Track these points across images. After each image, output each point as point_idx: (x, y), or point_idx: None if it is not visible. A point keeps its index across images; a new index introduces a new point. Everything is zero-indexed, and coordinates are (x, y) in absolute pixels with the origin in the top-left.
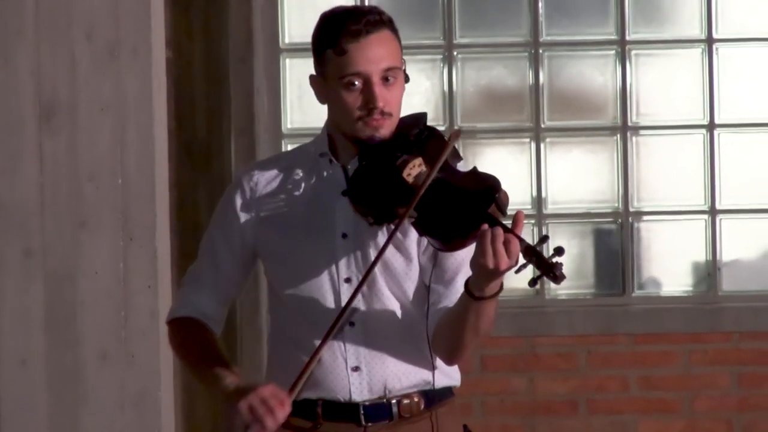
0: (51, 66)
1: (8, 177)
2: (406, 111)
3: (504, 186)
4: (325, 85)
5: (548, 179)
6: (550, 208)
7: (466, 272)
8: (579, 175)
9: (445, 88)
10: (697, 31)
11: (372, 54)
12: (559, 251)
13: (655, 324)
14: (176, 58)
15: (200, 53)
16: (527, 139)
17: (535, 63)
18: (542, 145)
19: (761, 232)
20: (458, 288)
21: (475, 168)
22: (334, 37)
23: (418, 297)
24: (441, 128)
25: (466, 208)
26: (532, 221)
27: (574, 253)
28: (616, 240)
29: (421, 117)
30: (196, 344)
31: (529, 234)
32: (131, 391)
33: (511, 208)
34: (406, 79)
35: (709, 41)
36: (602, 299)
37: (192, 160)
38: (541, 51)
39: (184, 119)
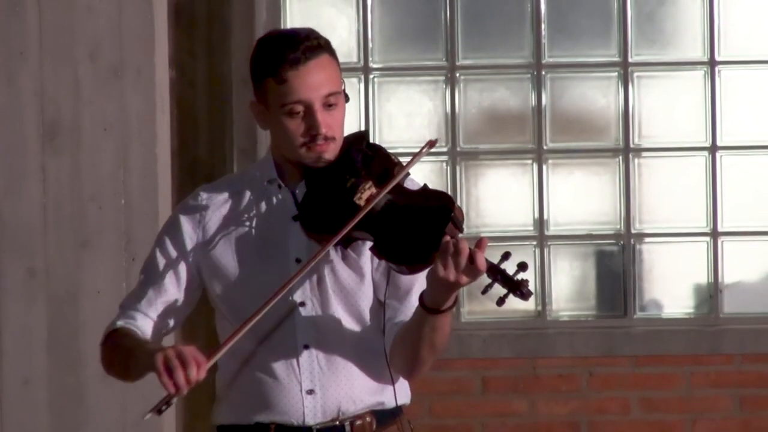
0: (54, 86)
1: (11, 197)
2: (408, 132)
3: (507, 207)
4: (266, 112)
5: (550, 201)
6: (551, 229)
7: (420, 286)
8: (581, 197)
9: (448, 109)
10: (699, 53)
11: (312, 81)
12: (522, 267)
13: (657, 346)
14: (179, 78)
15: (203, 73)
16: (529, 161)
17: (538, 84)
18: (544, 167)
19: (763, 254)
20: (413, 302)
21: (425, 185)
22: (273, 65)
23: (373, 314)
24: (443, 149)
25: (423, 229)
26: (534, 243)
27: (575, 274)
28: (617, 262)
29: (363, 136)
30: (126, 339)
31: (530, 256)
32: (133, 412)
33: (514, 230)
34: (347, 99)
35: (712, 63)
36: (604, 321)
37: (194, 180)
38: (543, 73)
39: (186, 139)
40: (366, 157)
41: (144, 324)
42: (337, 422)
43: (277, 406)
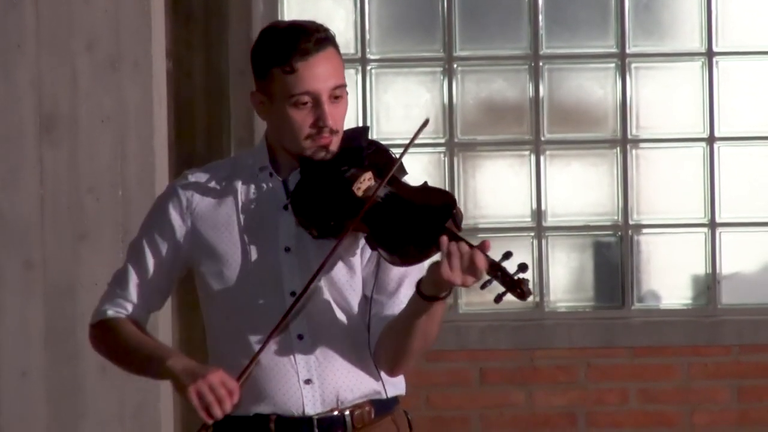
0: (51, 78)
1: (8, 189)
2: (406, 123)
3: (504, 198)
4: (268, 102)
5: (548, 192)
6: (549, 220)
7: (408, 283)
8: (579, 188)
9: (445, 100)
10: (697, 44)
11: (321, 72)
12: (522, 267)
13: (655, 337)
14: (176, 70)
15: (200, 65)
16: (527, 152)
17: (535, 76)
18: (542, 158)
19: (761, 244)
20: (402, 298)
21: (426, 183)
22: (282, 55)
23: (361, 309)
24: (441, 141)
25: (423, 224)
26: (532, 234)
27: (573, 266)
28: (615, 253)
29: (363, 130)
30: (130, 336)
31: (528, 248)
32: (131, 404)
33: (512, 221)
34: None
35: (709, 54)
36: (602, 312)
37: None
38: (541, 64)
39: (183, 131)
40: (367, 149)
41: (134, 311)
42: (337, 411)
43: (275, 397)
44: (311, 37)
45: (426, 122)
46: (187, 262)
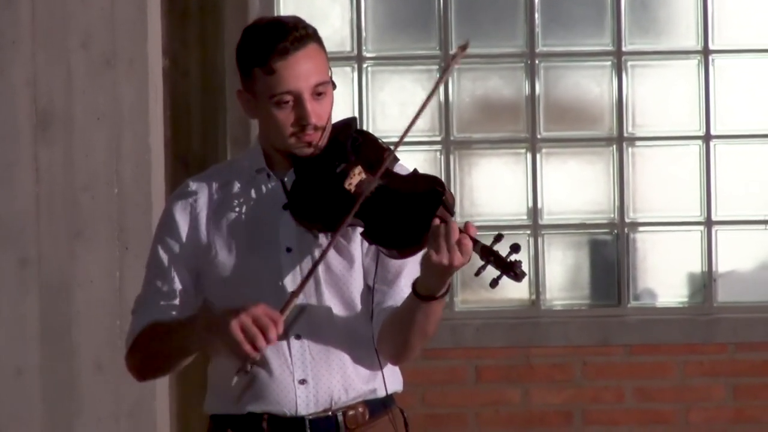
0: (47, 76)
1: (4, 187)
2: (402, 120)
3: (500, 196)
4: (254, 101)
5: (544, 190)
6: (545, 218)
7: (409, 270)
8: (575, 186)
9: (441, 98)
10: (693, 42)
11: (301, 71)
12: (515, 248)
13: (651, 335)
14: (172, 67)
15: (196, 63)
16: (523, 150)
17: (531, 74)
18: (538, 156)
19: (757, 243)
20: (402, 287)
21: (415, 170)
22: (261, 55)
23: (363, 300)
24: (436, 138)
25: (414, 213)
26: (528, 232)
27: (569, 263)
28: (611, 251)
29: (352, 123)
30: (163, 329)
31: (524, 246)
32: (126, 402)
33: (508, 219)
34: (334, 87)
35: (705, 52)
36: (597, 310)
37: (187, 170)
38: (537, 62)
39: (179, 129)
40: (355, 143)
41: (167, 315)
42: (330, 413)
43: (269, 397)
44: (290, 35)
45: (465, 47)
46: (196, 269)
